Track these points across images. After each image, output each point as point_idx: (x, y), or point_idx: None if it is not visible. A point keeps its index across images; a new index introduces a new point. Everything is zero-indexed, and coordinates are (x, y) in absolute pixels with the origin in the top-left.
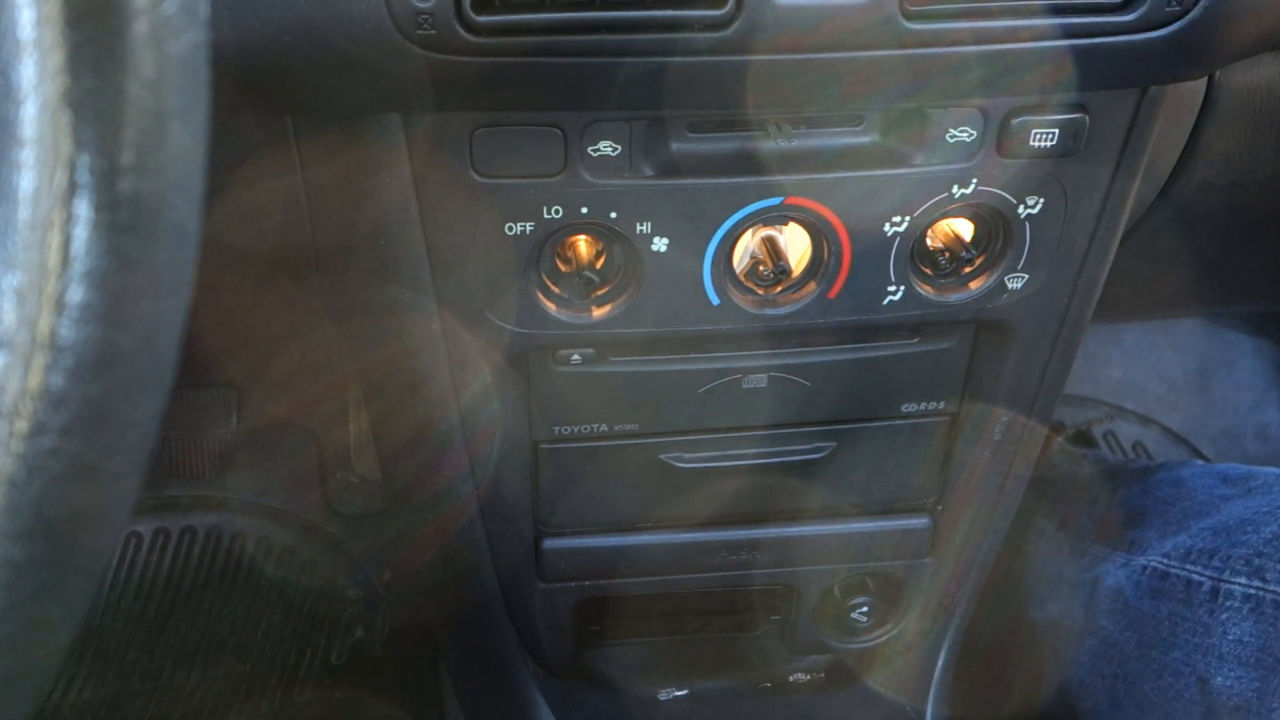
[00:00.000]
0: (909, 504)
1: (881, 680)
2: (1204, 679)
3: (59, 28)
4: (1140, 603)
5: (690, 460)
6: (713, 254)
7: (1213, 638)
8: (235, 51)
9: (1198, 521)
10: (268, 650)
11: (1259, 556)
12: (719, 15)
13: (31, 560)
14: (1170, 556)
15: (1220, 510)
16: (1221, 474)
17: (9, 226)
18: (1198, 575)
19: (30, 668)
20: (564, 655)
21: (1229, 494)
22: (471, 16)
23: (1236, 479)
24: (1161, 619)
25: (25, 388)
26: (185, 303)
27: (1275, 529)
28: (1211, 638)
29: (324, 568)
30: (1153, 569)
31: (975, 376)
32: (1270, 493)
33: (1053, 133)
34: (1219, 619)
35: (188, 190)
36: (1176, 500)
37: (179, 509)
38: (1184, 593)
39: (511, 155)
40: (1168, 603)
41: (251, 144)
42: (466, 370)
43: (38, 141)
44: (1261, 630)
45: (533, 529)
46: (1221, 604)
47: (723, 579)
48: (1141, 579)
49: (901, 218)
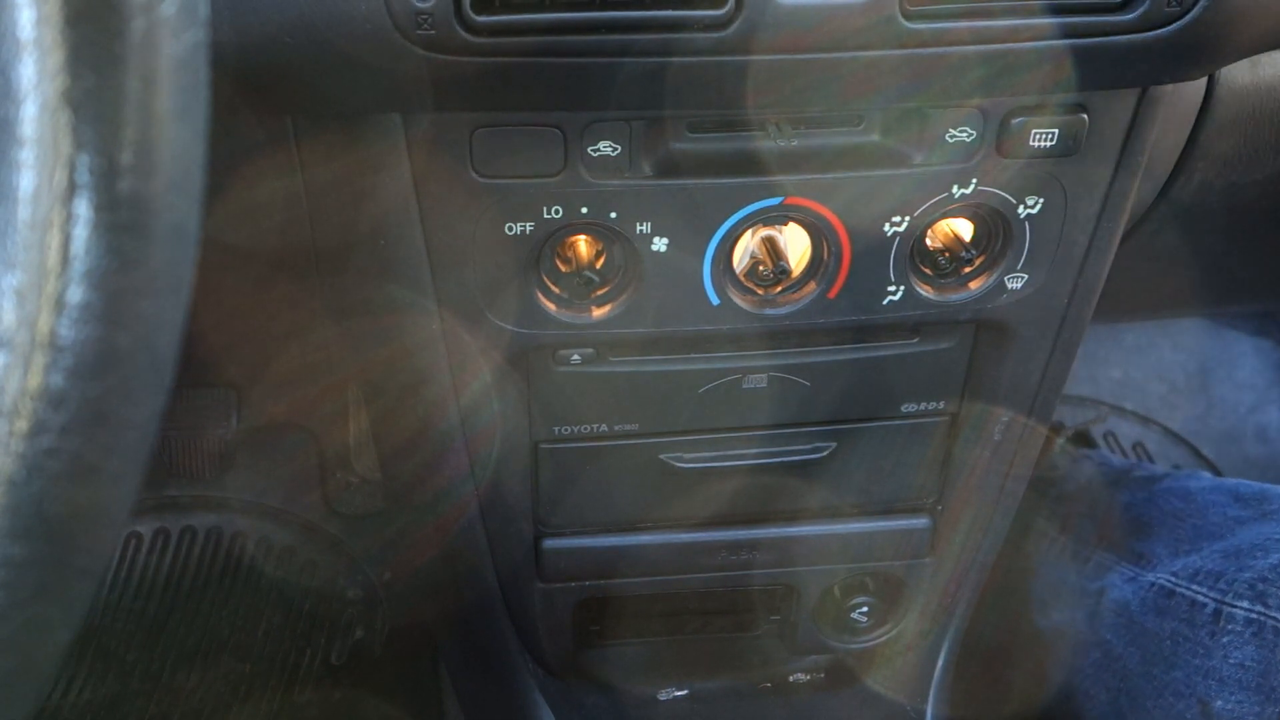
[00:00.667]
0: (909, 504)
1: (881, 680)
2: (1205, 701)
3: (58, 27)
4: (1145, 619)
5: (690, 460)
6: (712, 254)
7: (1214, 660)
8: (235, 51)
9: (1211, 543)
10: (268, 650)
11: (1263, 582)
12: (719, 15)
13: (31, 559)
14: (1179, 575)
15: (1234, 533)
16: (1234, 492)
17: (9, 226)
18: (1202, 596)
19: (30, 667)
20: (564, 655)
21: (1244, 516)
22: (471, 16)
23: (1250, 499)
24: (1165, 637)
25: (25, 387)
26: (185, 302)
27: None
28: (1213, 660)
29: (324, 568)
30: (1160, 586)
31: (975, 376)
32: None
33: (1052, 133)
34: (1220, 642)
35: (187, 190)
36: (1187, 516)
37: (179, 509)
38: (1188, 613)
39: (511, 155)
40: (1171, 621)
41: (251, 144)
42: (466, 370)
43: (37, 141)
44: (1263, 656)
45: (532, 529)
46: (1224, 627)
47: (723, 579)
48: (1148, 595)
49: (901, 218)
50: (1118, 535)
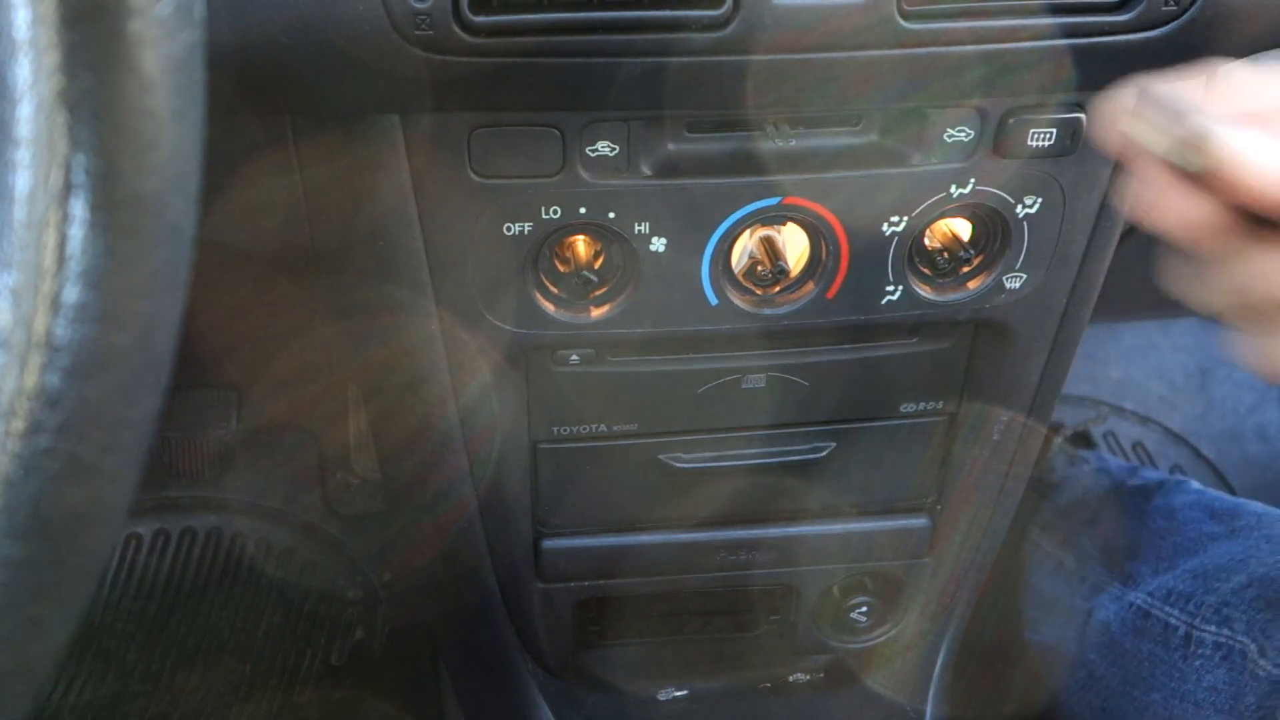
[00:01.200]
0: (908, 504)
1: (881, 680)
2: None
3: (54, 27)
4: (1125, 640)
5: (689, 460)
6: (711, 254)
7: (1188, 684)
8: (233, 52)
9: (1185, 560)
10: (268, 651)
11: (1227, 606)
12: (717, 15)
13: (28, 559)
14: (1154, 595)
15: (1205, 550)
16: (1209, 508)
17: (5, 226)
18: (1174, 619)
19: (28, 667)
20: (563, 655)
21: (1216, 532)
22: (469, 17)
23: (1224, 514)
24: (1143, 659)
25: (21, 387)
26: (181, 302)
27: (1244, 578)
28: (1187, 683)
29: (324, 568)
30: (1137, 607)
31: (974, 376)
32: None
33: (1050, 132)
34: (1193, 665)
35: (184, 190)
36: (1169, 534)
37: (179, 510)
38: (1162, 635)
39: (510, 155)
40: (1148, 643)
41: (250, 144)
42: (465, 370)
43: (33, 141)
44: (1233, 679)
45: (532, 529)
46: (1194, 650)
47: (722, 579)
48: (1127, 616)
49: (899, 217)
50: (1115, 557)
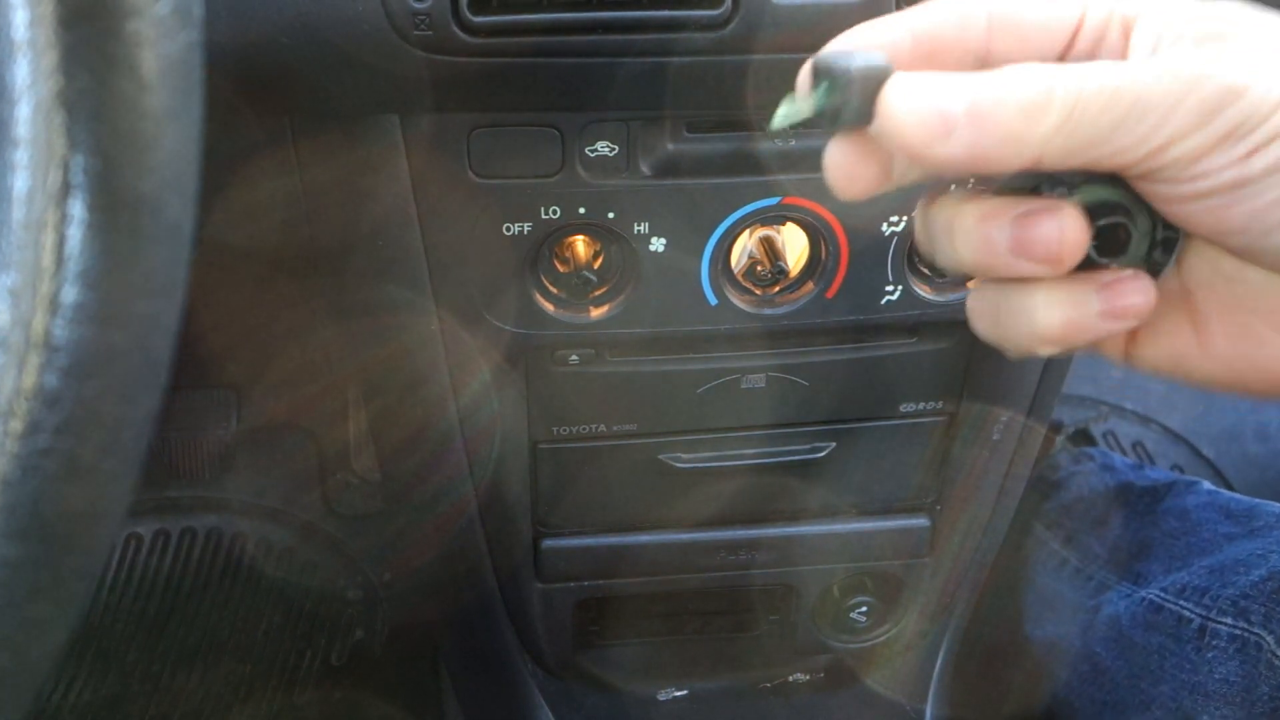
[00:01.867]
0: (908, 504)
1: (881, 680)
2: (1190, 716)
3: (52, 28)
4: (1134, 633)
5: (689, 460)
6: (710, 254)
7: (1199, 675)
8: (233, 52)
9: (1200, 559)
10: (268, 651)
11: (1245, 598)
12: (716, 15)
13: (27, 559)
14: (1167, 590)
15: (1222, 549)
16: (1224, 508)
17: (3, 227)
18: (1188, 611)
19: (27, 667)
20: (563, 655)
21: (1233, 532)
22: (468, 17)
23: (1240, 515)
24: (1152, 651)
25: (20, 387)
26: (180, 303)
27: (1264, 572)
28: (1198, 675)
29: (324, 568)
30: (1149, 601)
31: (973, 376)
32: (1270, 535)
33: None
34: (1206, 657)
35: (182, 190)
36: (1182, 534)
37: (179, 510)
38: (1174, 627)
39: (509, 156)
40: (1158, 636)
41: (250, 144)
42: (465, 370)
43: (32, 142)
44: (1246, 671)
45: (531, 529)
46: (1209, 642)
47: (722, 579)
48: (1138, 610)
49: (899, 217)
50: (1122, 557)
